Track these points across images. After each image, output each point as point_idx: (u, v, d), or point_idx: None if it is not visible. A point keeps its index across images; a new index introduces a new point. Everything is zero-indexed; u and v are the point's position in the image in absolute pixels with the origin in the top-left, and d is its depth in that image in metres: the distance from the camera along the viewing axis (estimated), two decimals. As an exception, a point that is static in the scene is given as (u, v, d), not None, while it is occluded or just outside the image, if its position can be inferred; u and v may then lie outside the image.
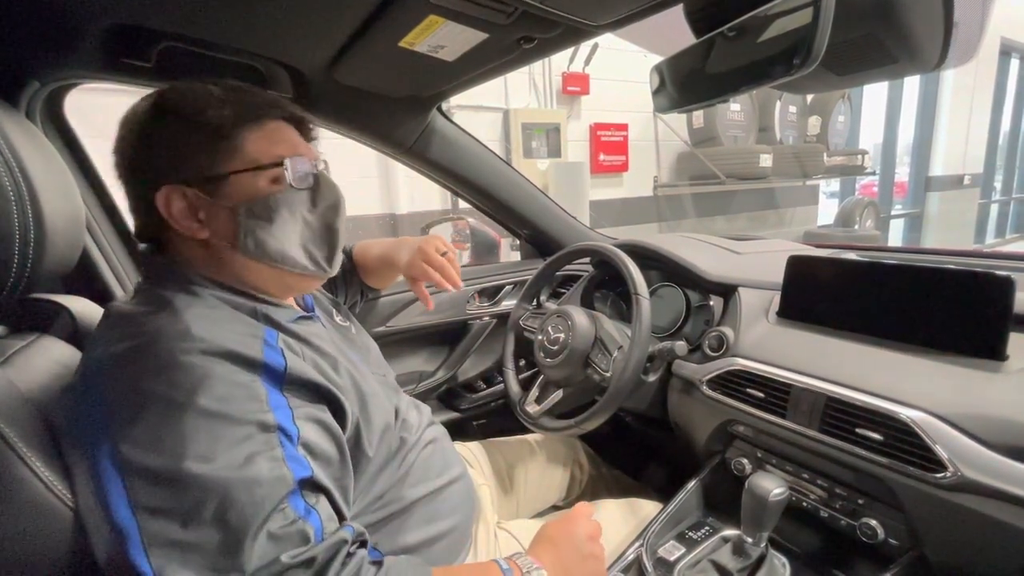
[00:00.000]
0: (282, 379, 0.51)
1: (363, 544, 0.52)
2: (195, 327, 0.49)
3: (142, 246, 0.62)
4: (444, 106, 1.13)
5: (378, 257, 0.99)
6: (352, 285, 1.03)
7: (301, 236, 0.60)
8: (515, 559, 0.60)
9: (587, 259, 1.15)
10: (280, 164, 0.57)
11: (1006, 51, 6.74)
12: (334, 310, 0.80)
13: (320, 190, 0.62)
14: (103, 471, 0.43)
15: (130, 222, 0.61)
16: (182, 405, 0.44)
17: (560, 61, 3.74)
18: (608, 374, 0.86)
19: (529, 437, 1.11)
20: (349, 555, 0.48)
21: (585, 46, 3.66)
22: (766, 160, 4.30)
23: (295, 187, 0.58)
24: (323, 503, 0.50)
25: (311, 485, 0.49)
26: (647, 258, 1.06)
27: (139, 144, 0.56)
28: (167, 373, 0.46)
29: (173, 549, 0.41)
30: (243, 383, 0.48)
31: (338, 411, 0.56)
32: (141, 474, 0.43)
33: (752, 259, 1.03)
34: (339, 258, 0.65)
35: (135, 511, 0.42)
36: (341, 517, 0.52)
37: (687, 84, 0.72)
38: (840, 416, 0.68)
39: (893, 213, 6.69)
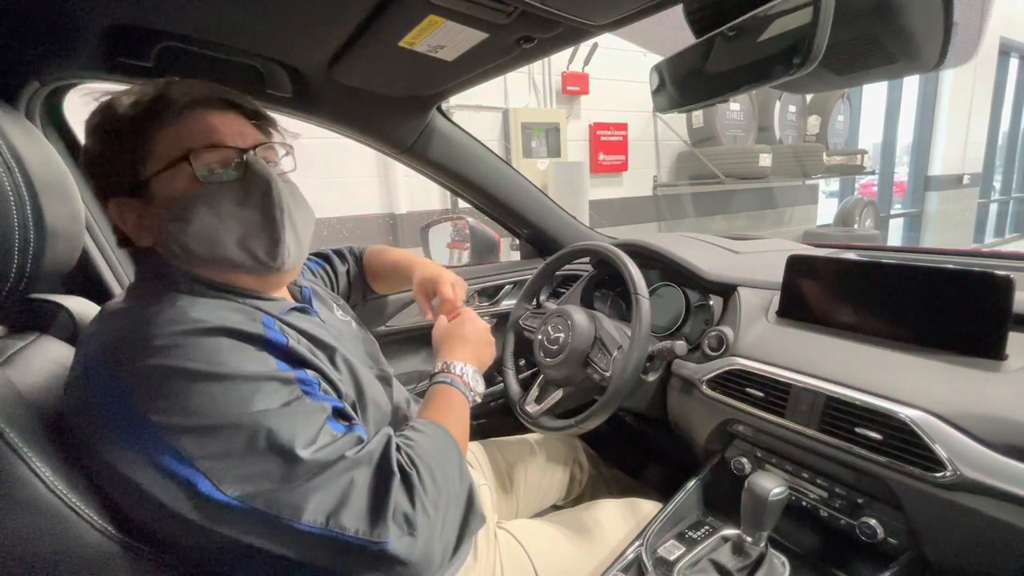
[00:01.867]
0: (284, 353, 0.52)
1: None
2: (192, 312, 0.49)
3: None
4: (444, 106, 1.13)
5: (392, 264, 1.00)
6: (356, 287, 1.03)
7: (233, 233, 0.55)
8: (446, 371, 0.72)
9: (587, 259, 1.15)
10: (185, 159, 0.53)
11: (1005, 51, 6.74)
12: (334, 304, 0.80)
13: (248, 179, 0.56)
14: (143, 445, 0.44)
15: None
16: (201, 375, 0.45)
17: (560, 61, 3.73)
18: (608, 374, 0.86)
19: (529, 437, 1.12)
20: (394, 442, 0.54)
21: (585, 46, 3.66)
22: (765, 160, 4.30)
23: (208, 181, 0.54)
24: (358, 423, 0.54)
25: (344, 414, 0.53)
26: (647, 258, 1.06)
27: (86, 165, 0.56)
28: (175, 350, 0.46)
29: (243, 480, 0.44)
30: (250, 354, 0.49)
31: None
32: (184, 432, 0.44)
33: (751, 259, 1.03)
34: (288, 249, 0.59)
35: (194, 462, 0.44)
36: None
37: (687, 84, 0.72)
38: (839, 415, 0.68)
39: (892, 213, 6.69)
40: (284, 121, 0.66)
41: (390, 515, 0.47)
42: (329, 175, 2.95)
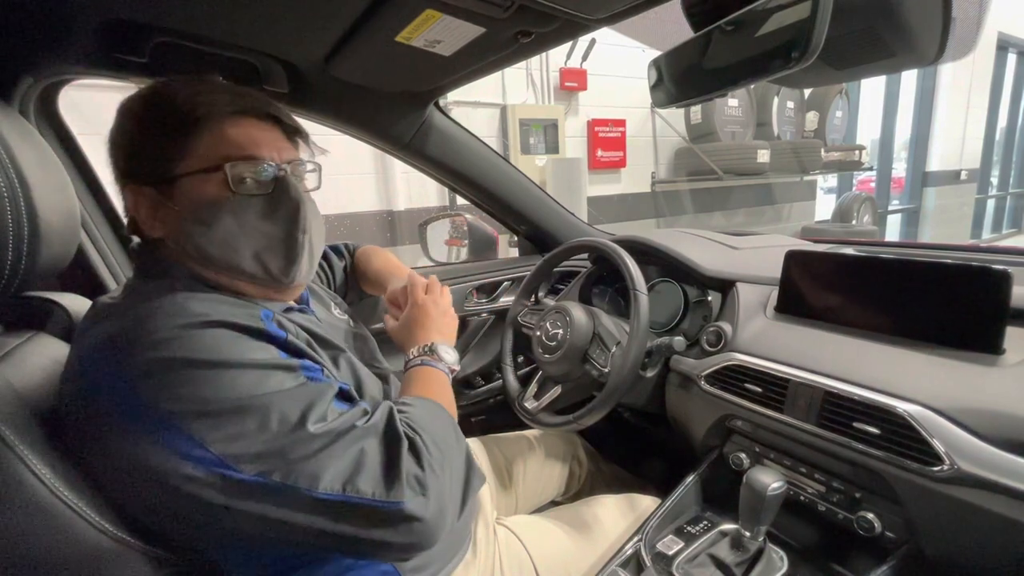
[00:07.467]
0: (284, 345, 0.53)
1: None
2: (192, 306, 0.49)
3: (135, 241, 0.61)
4: (441, 102, 1.13)
5: (376, 272, 0.99)
6: (353, 284, 1.03)
7: (251, 244, 0.57)
8: (419, 358, 0.72)
9: (585, 255, 1.15)
10: (220, 168, 0.54)
11: (1003, 46, 6.73)
12: (332, 304, 0.80)
13: (277, 196, 0.57)
14: (155, 434, 0.44)
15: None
16: (207, 364, 0.46)
17: (558, 56, 3.72)
18: (606, 370, 0.86)
19: (528, 433, 1.12)
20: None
21: (583, 41, 3.65)
22: (764, 156, 4.29)
23: (239, 192, 0.55)
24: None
25: (347, 396, 0.54)
26: (645, 254, 1.06)
27: (112, 144, 0.57)
28: (177, 342, 0.46)
29: (259, 459, 0.45)
30: (252, 344, 0.50)
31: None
32: (197, 418, 0.44)
33: (750, 254, 1.03)
34: (301, 268, 0.61)
35: (208, 446, 0.44)
36: None
37: (685, 79, 0.72)
38: (837, 410, 0.68)
39: (890, 208, 6.70)
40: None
41: (403, 478, 0.49)
42: (326, 172, 2.92)
